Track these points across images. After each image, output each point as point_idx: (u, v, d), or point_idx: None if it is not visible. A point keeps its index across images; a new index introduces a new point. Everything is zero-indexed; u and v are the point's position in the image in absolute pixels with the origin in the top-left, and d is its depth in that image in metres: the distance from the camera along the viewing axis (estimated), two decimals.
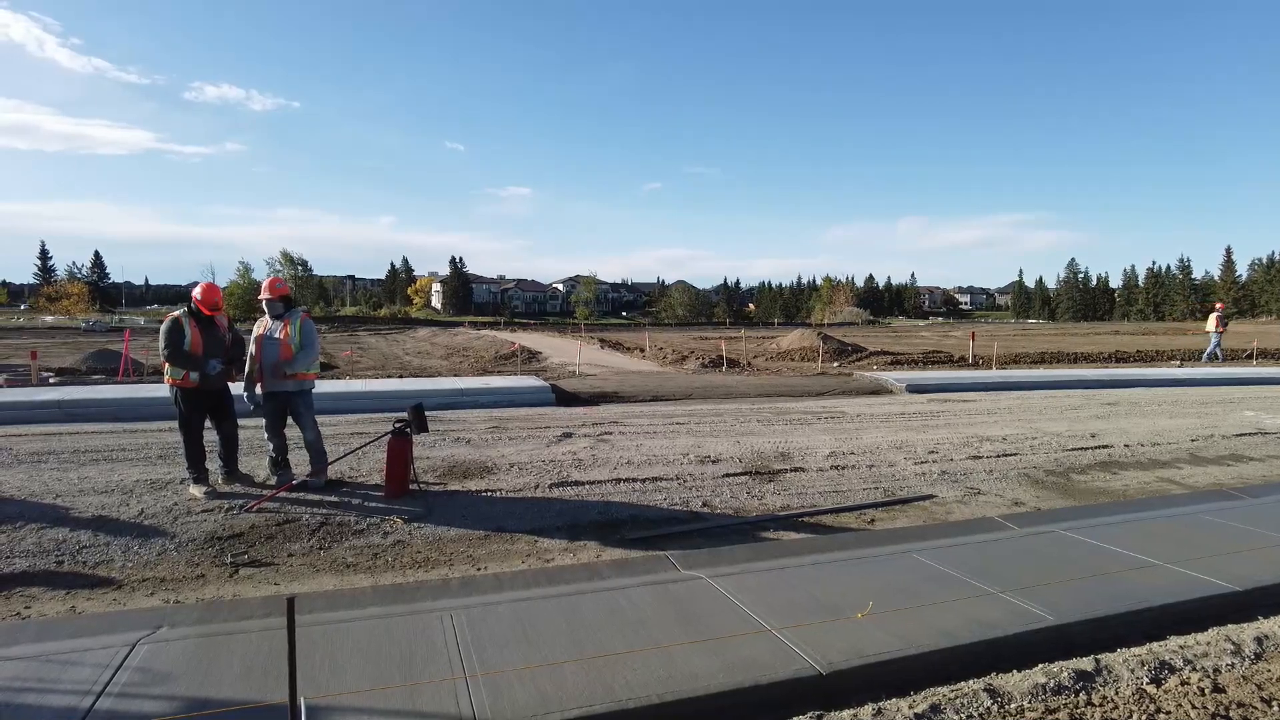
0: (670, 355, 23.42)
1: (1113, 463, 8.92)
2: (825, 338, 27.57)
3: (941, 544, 5.54)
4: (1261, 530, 5.94)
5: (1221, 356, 25.48)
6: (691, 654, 3.64)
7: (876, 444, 9.45)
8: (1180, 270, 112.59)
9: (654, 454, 8.53)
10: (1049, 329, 71.34)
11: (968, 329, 53.71)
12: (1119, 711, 3.22)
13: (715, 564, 5.01)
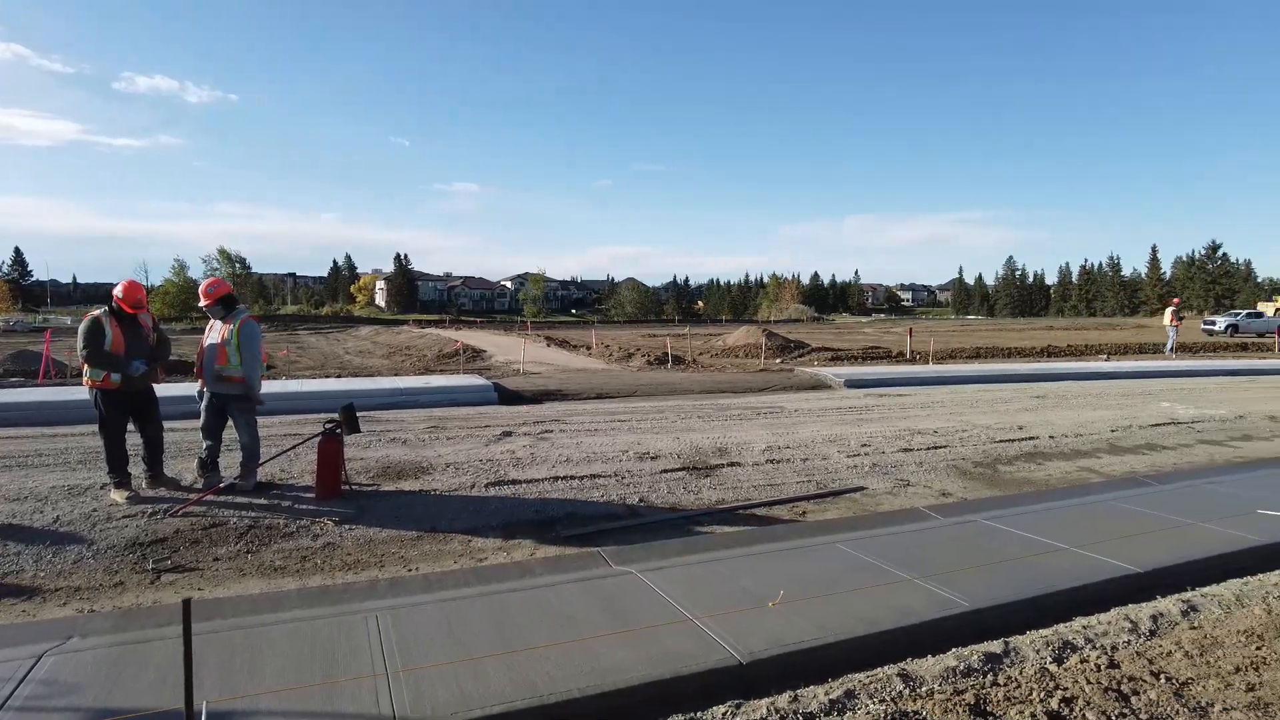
0: (617, 353, 23.45)
1: (1038, 453, 9.25)
2: (770, 335, 27.92)
3: (868, 534, 5.70)
4: (1166, 515, 6.24)
5: (1172, 350, 26.73)
6: (616, 647, 3.69)
7: (812, 438, 9.64)
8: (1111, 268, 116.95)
9: (594, 451, 8.57)
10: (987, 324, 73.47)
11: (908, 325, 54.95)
12: (1021, 690, 3.36)
13: (647, 559, 5.07)
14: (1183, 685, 3.45)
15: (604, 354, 23.53)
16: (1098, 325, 63.06)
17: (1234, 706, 3.25)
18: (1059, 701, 3.25)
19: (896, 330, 51.15)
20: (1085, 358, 25.32)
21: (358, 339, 38.96)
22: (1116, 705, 3.24)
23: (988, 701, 3.25)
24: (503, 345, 28.84)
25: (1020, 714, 3.13)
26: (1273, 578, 4.90)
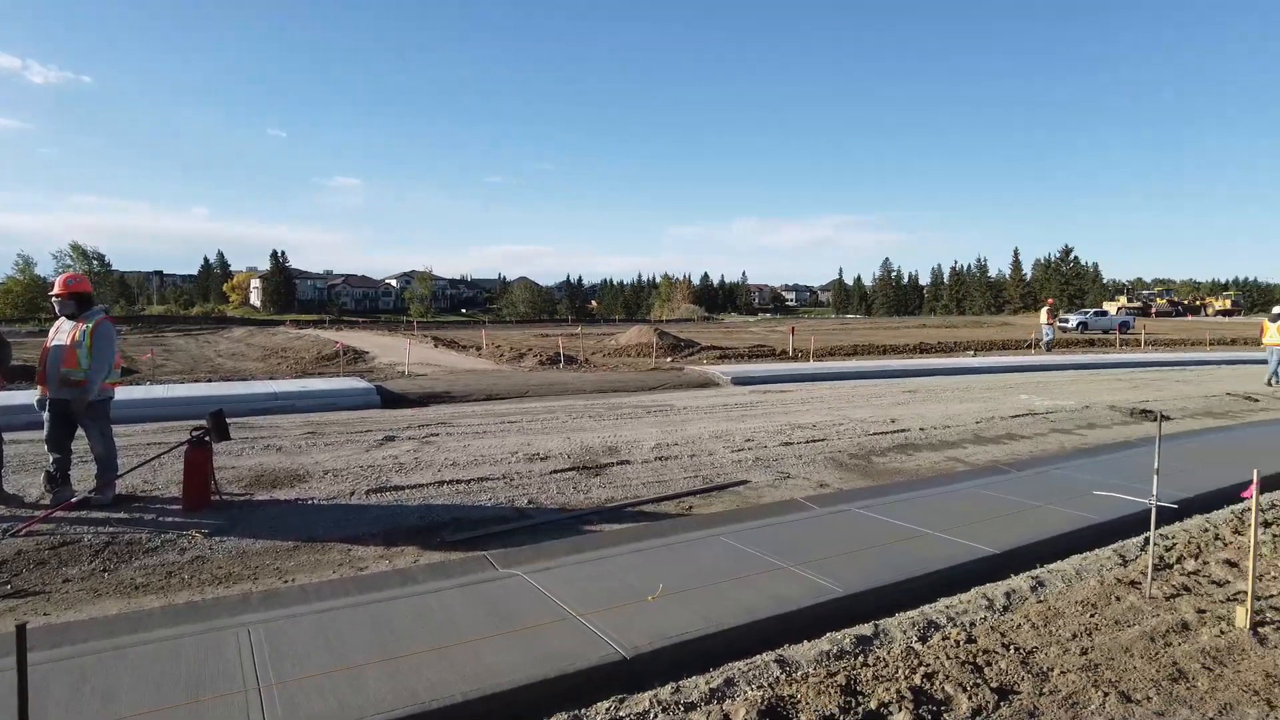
0: (508, 353, 23.20)
1: (909, 445, 9.79)
2: (661, 334, 28.31)
3: (750, 526, 5.89)
4: (1020, 499, 6.74)
5: (1048, 346, 29.01)
6: (501, 650, 3.67)
7: (699, 435, 9.86)
8: (978, 269, 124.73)
9: (481, 454, 8.46)
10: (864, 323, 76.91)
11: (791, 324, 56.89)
12: (888, 669, 3.57)
13: (534, 560, 5.06)
14: (1029, 654, 3.75)
15: (494, 354, 23.22)
16: (966, 323, 67.16)
17: (1070, 669, 3.57)
18: (922, 677, 3.47)
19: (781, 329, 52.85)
20: (954, 354, 26.94)
21: (231, 341, 36.88)
22: (972, 676, 3.49)
23: (858, 681, 3.43)
24: (387, 346, 27.96)
25: (887, 691, 3.32)
26: (1106, 551, 5.39)
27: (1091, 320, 47.00)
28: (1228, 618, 4.15)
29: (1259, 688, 3.43)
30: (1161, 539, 5.61)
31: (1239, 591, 4.37)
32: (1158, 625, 4.09)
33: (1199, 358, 25.97)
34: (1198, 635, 3.98)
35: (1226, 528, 5.98)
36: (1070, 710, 3.22)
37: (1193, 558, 5.29)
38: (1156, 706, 3.26)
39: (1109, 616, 4.23)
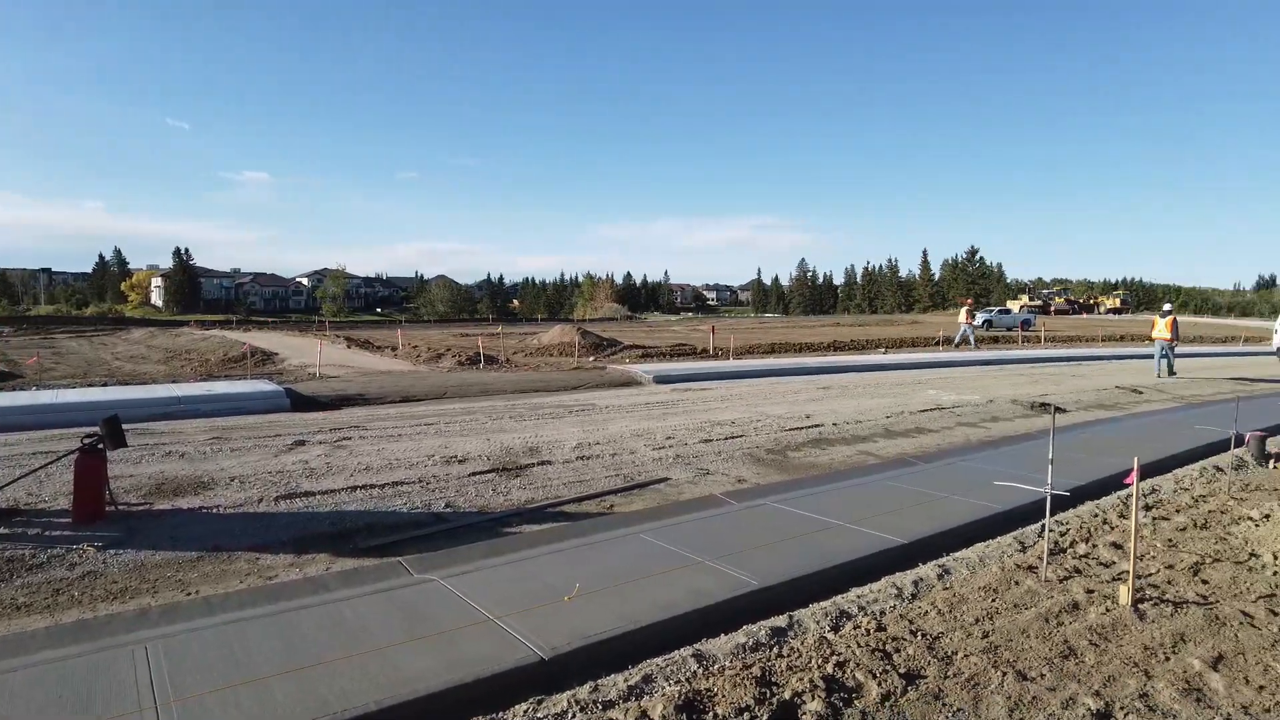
0: (426, 353, 22.72)
1: (823, 440, 10.05)
2: (584, 333, 28.24)
3: (670, 523, 5.94)
4: (928, 490, 7.01)
5: (974, 342, 30.42)
6: (416, 656, 3.60)
7: (621, 433, 9.89)
8: (889, 269, 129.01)
9: (397, 457, 8.27)
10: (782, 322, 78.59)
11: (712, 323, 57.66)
12: (802, 659, 3.66)
13: (451, 565, 4.98)
14: (935, 639, 3.91)
15: (411, 355, 22.72)
16: (878, 322, 69.36)
17: (972, 652, 3.73)
18: (834, 666, 3.57)
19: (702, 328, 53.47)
20: (866, 351, 27.81)
21: (130, 343, 34.92)
22: (881, 663, 3.61)
23: (773, 673, 3.51)
24: (298, 347, 27.01)
25: (800, 681, 3.40)
26: (1007, 539, 5.66)
27: (996, 318, 49.31)
28: (1113, 596, 4.42)
29: (1138, 660, 3.67)
30: (1056, 525, 5.92)
31: (1123, 571, 4.65)
32: (1051, 606, 4.33)
33: (1092, 353, 27.60)
34: (1086, 614, 4.22)
35: (1113, 512, 6.37)
36: (972, 691, 3.37)
37: (1084, 542, 5.61)
38: (1049, 683, 3.44)
39: (1008, 600, 4.44)
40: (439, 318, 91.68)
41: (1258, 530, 5.72)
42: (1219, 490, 7.23)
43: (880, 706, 3.22)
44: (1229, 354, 30.12)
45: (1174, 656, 3.73)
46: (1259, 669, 3.63)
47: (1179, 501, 6.83)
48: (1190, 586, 4.71)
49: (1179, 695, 3.35)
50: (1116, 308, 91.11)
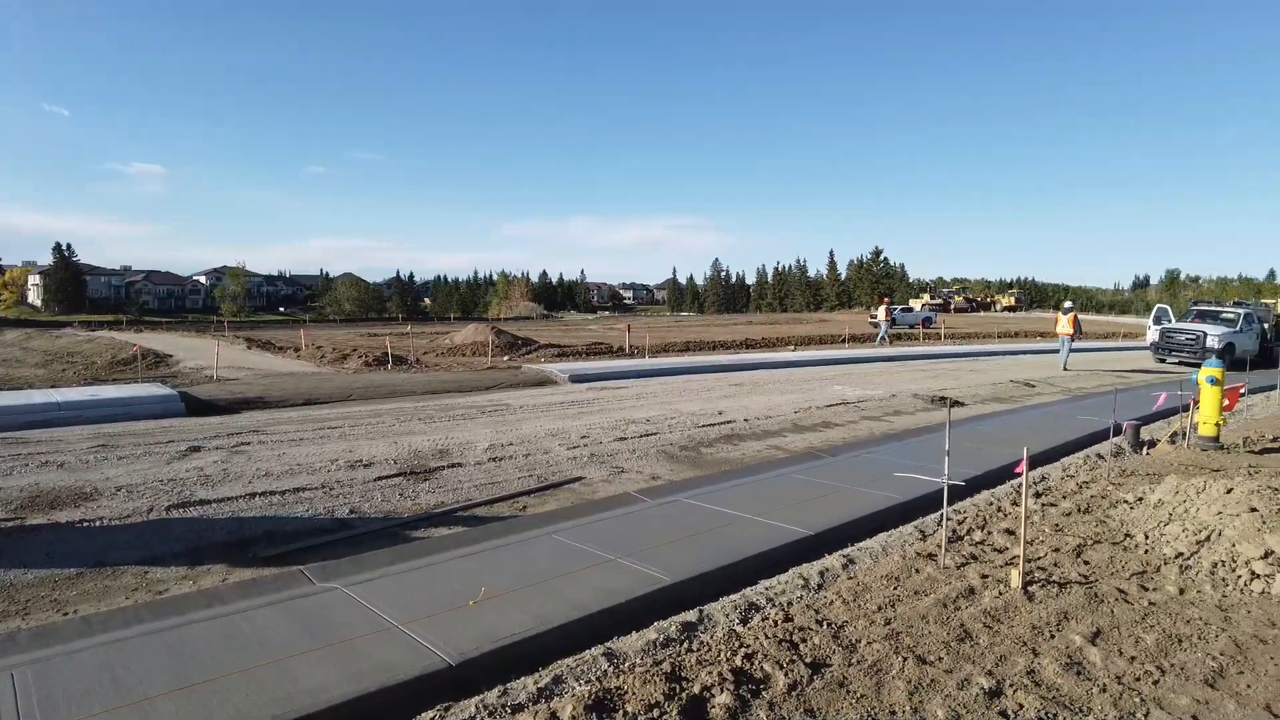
0: (331, 354, 21.97)
1: (735, 435, 10.22)
2: (499, 332, 27.86)
3: (583, 522, 5.92)
4: (834, 483, 7.22)
5: (887, 339, 31.72)
6: (316, 668, 3.47)
7: (535, 433, 9.80)
8: (799, 269, 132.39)
9: (299, 463, 7.95)
10: (697, 320, 79.53)
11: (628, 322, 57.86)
12: (712, 653, 3.70)
13: (355, 572, 4.82)
14: (840, 628, 4.02)
15: (316, 356, 21.93)
16: (788, 320, 70.98)
17: (875, 639, 3.85)
18: (742, 658, 3.62)
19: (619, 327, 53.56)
20: (777, 349, 28.45)
21: (2, 345, 32.48)
22: (788, 653, 3.69)
23: (683, 668, 3.53)
24: (194, 349, 25.67)
25: (709, 675, 3.44)
26: (909, 528, 5.88)
27: (899, 316, 51.28)
28: (1005, 580, 4.65)
29: (1027, 639, 3.87)
30: (954, 514, 6.18)
31: (1015, 556, 4.89)
32: (949, 592, 4.51)
33: (988, 349, 29.00)
34: (981, 598, 4.42)
35: (1007, 500, 6.70)
36: (875, 677, 3.47)
37: (979, 529, 5.88)
38: (946, 665, 3.58)
39: (909, 588, 4.61)
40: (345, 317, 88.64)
41: (1132, 513, 6.12)
42: (1100, 476, 7.70)
43: (787, 696, 3.29)
44: (1110, 349, 32.16)
45: (1058, 634, 3.94)
46: (1131, 641, 3.88)
47: (1065, 488, 7.24)
48: (1074, 568, 4.99)
49: (1062, 670, 3.54)
50: (1011, 306, 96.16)
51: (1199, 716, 3.18)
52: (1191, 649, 3.82)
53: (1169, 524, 5.57)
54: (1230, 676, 3.55)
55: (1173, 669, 3.60)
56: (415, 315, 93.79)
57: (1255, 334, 23.12)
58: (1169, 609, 4.33)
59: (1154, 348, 23.85)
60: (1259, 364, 21.33)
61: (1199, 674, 3.56)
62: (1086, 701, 3.27)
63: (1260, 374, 17.97)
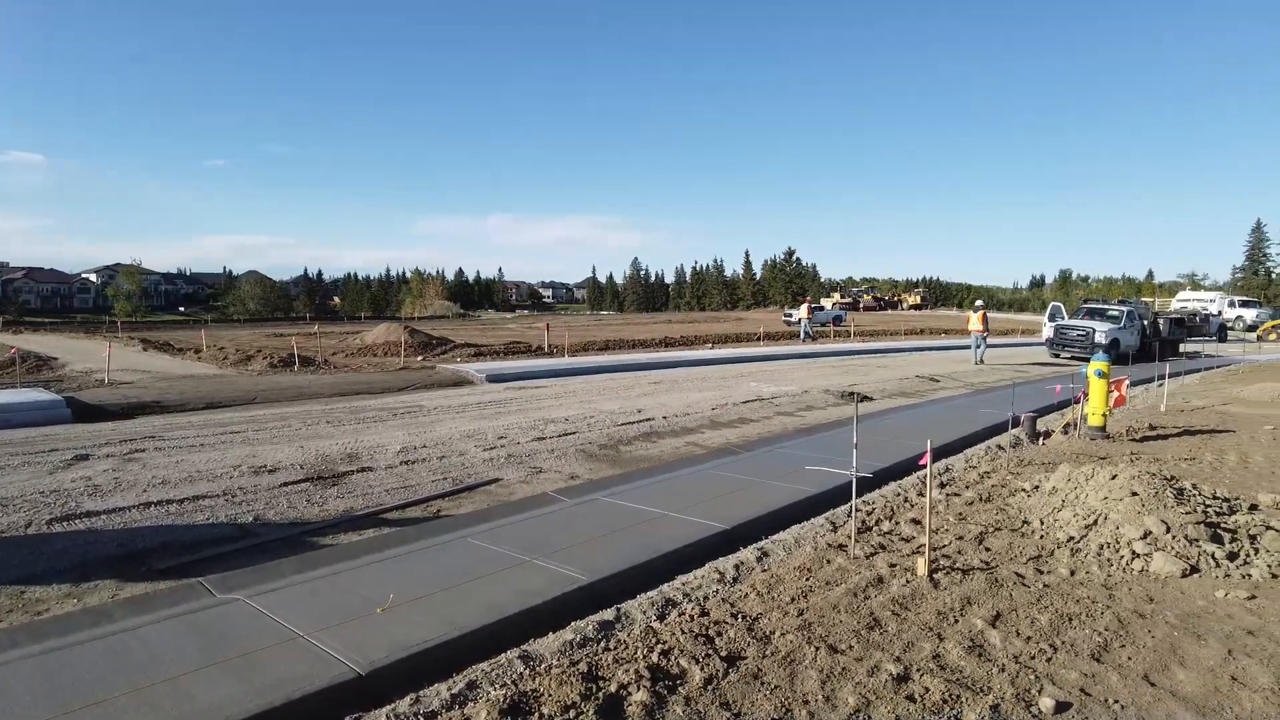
0: (234, 355, 21.03)
1: (654, 433, 10.27)
2: (413, 332, 27.22)
3: (499, 524, 5.83)
4: (748, 477, 7.34)
5: (805, 336, 32.68)
6: (216, 684, 3.29)
7: (449, 435, 9.61)
8: (715, 269, 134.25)
9: (198, 469, 7.57)
10: (617, 319, 79.68)
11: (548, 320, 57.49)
12: (629, 650, 3.70)
13: (259, 582, 4.61)
14: (754, 620, 4.08)
15: (218, 357, 20.95)
16: (706, 319, 71.83)
17: (789, 630, 3.93)
18: (659, 655, 3.63)
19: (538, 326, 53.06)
20: (695, 347, 28.78)
21: None
22: (704, 648, 3.72)
23: (599, 667, 3.51)
24: (84, 351, 24.13)
25: (626, 672, 3.43)
26: (820, 520, 6.02)
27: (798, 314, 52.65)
28: (912, 568, 4.81)
29: (932, 624, 4.02)
30: (864, 505, 6.37)
31: (921, 545, 5.07)
32: (859, 582, 4.64)
33: (896, 346, 30.08)
34: (889, 586, 4.57)
35: (913, 491, 6.94)
36: (788, 668, 3.54)
37: (888, 519, 6.07)
38: (857, 653, 3.68)
39: (821, 578, 4.72)
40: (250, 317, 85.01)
41: (1029, 500, 6.44)
42: (1000, 467, 8.07)
43: (703, 691, 3.31)
44: (1009, 345, 33.81)
45: (961, 619, 4.11)
46: (1028, 622, 4.07)
47: (968, 478, 7.56)
48: (976, 554, 5.21)
49: (965, 653, 3.69)
50: (917, 304, 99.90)
51: (1086, 689, 3.37)
52: (1080, 626, 4.04)
53: (1061, 510, 5.88)
54: (1114, 650, 3.77)
55: (1064, 646, 3.80)
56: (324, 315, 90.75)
57: (1137, 330, 24.69)
58: (1061, 590, 4.57)
59: (1049, 343, 25.19)
60: (1140, 358, 22.81)
61: (1087, 649, 3.76)
62: (987, 682, 3.42)
63: (1141, 367, 19.22)
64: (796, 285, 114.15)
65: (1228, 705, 3.27)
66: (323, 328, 38.08)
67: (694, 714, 3.14)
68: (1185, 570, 4.82)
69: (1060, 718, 3.14)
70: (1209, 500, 6.02)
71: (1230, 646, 3.82)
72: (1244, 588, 4.59)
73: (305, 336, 28.09)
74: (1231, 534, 5.28)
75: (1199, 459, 8.39)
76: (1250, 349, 32.65)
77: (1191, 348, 30.16)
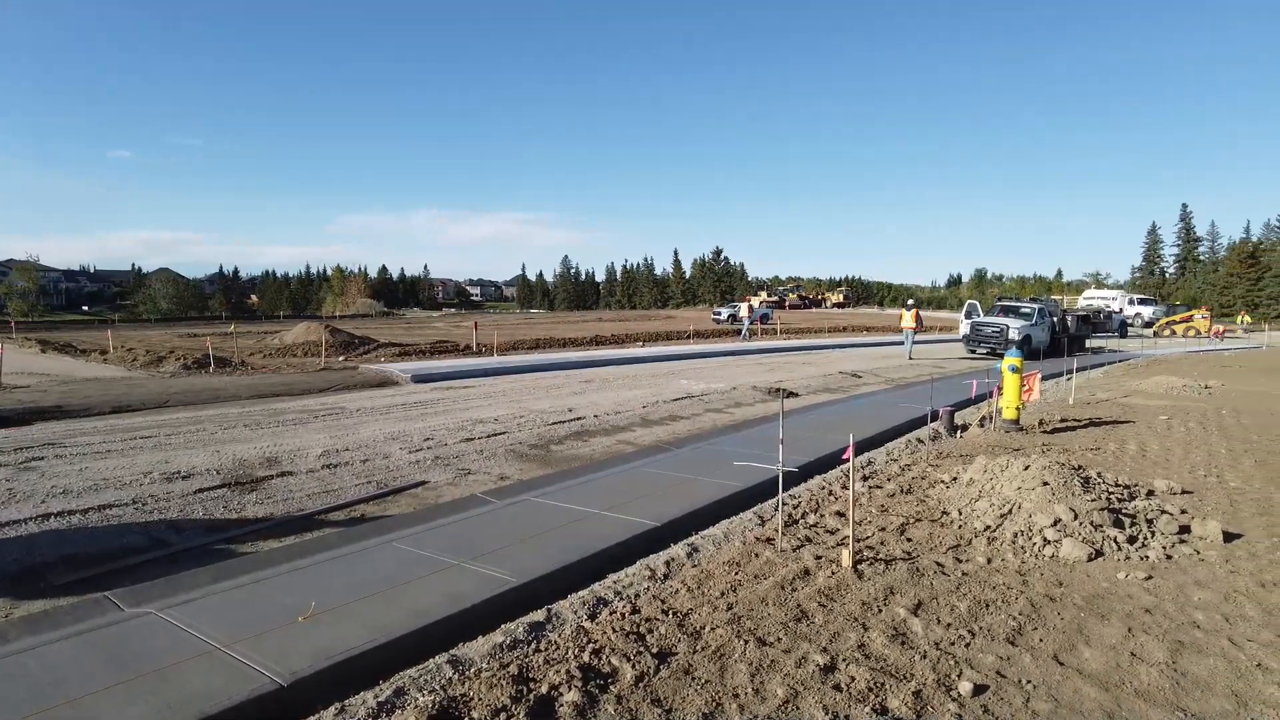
0: (144, 357, 20.05)
1: (585, 432, 10.24)
2: (334, 331, 26.48)
3: (426, 528, 5.72)
4: (679, 474, 7.39)
5: (754, 333, 33.34)
6: (123, 704, 3.14)
7: (374, 437, 9.38)
8: (646, 268, 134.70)
9: (104, 477, 7.19)
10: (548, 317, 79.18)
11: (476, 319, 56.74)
12: (560, 651, 3.68)
13: (172, 594, 4.41)
14: (685, 616, 4.11)
15: (127, 359, 19.95)
16: (637, 317, 72.05)
17: (719, 624, 3.98)
18: (590, 654, 3.63)
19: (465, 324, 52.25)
20: (626, 345, 28.86)
21: None
22: (635, 645, 3.73)
23: (530, 669, 3.49)
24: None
25: (557, 673, 3.41)
26: (749, 514, 6.12)
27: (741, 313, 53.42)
28: (837, 560, 4.93)
29: (857, 614, 4.13)
30: (790, 499, 6.50)
31: (845, 537, 5.20)
32: (787, 574, 4.73)
33: (821, 343, 30.78)
34: (816, 578, 4.67)
35: (837, 484, 7.11)
36: (718, 662, 3.58)
37: (813, 512, 6.21)
38: (785, 645, 3.75)
39: (750, 572, 4.79)
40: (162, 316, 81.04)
41: (948, 491, 6.68)
42: (920, 459, 8.35)
43: (635, 688, 3.32)
44: (928, 341, 34.96)
45: (885, 608, 4.23)
46: (947, 609, 4.22)
47: (889, 471, 7.79)
48: (898, 545, 5.38)
49: (888, 641, 3.80)
50: (840, 302, 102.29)
51: (1002, 671, 3.52)
52: (997, 612, 4.22)
53: (978, 500, 6.12)
54: (1027, 633, 3.95)
55: (981, 631, 3.95)
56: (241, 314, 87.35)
57: (1047, 327, 25.88)
58: (979, 577, 4.76)
59: (965, 340, 26.16)
60: (1050, 353, 23.91)
61: (1002, 633, 3.93)
62: (909, 669, 3.53)
63: (1051, 363, 20.15)
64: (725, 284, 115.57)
65: (1128, 680, 3.46)
66: (240, 327, 36.64)
67: (626, 712, 3.14)
68: (1091, 554, 5.08)
69: (978, 700, 3.26)
70: (1112, 487, 6.36)
71: (1130, 625, 4.05)
72: (1142, 569, 4.87)
73: (221, 336, 27.03)
74: (1131, 519, 5.59)
75: (1103, 449, 8.86)
76: (1148, 344, 34.59)
77: (1096, 343, 31.82)
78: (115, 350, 21.81)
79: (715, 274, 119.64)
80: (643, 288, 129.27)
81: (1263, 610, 4.27)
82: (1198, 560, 5.08)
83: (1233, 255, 76.06)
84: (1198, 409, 12.32)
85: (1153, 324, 49.02)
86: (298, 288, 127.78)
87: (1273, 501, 6.60)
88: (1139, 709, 3.22)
